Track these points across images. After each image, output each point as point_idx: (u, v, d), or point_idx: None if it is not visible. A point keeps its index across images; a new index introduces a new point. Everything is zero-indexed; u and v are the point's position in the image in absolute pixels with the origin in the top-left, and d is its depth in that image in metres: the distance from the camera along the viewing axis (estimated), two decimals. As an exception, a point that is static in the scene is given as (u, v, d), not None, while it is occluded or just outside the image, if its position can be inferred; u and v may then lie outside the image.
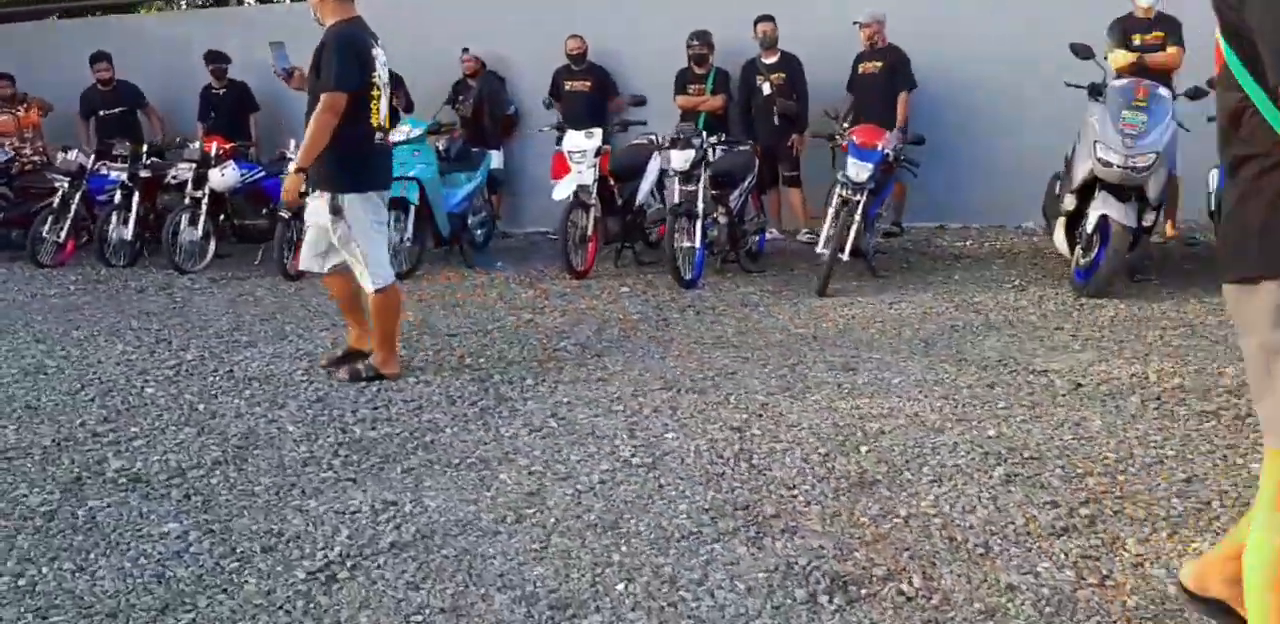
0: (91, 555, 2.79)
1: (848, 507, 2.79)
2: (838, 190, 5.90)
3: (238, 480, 3.31)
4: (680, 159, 6.21)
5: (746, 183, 6.75)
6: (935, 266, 6.54)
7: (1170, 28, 6.23)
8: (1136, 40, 6.24)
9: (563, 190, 6.59)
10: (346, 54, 4.11)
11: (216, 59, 9.02)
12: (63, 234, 7.98)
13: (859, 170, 5.79)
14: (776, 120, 7.36)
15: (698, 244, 6.21)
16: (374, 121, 4.28)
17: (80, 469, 3.45)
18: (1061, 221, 5.45)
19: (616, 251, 7.17)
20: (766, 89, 7.44)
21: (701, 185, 6.25)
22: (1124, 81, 5.32)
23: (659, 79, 8.07)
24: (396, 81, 8.50)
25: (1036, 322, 4.88)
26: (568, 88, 8.44)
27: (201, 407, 4.11)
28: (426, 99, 8.67)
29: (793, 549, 2.55)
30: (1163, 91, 5.19)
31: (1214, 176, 5.42)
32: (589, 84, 8.38)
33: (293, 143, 7.44)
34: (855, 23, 7.21)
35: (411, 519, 2.92)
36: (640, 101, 7.24)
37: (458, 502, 3.03)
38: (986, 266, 6.43)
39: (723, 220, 6.41)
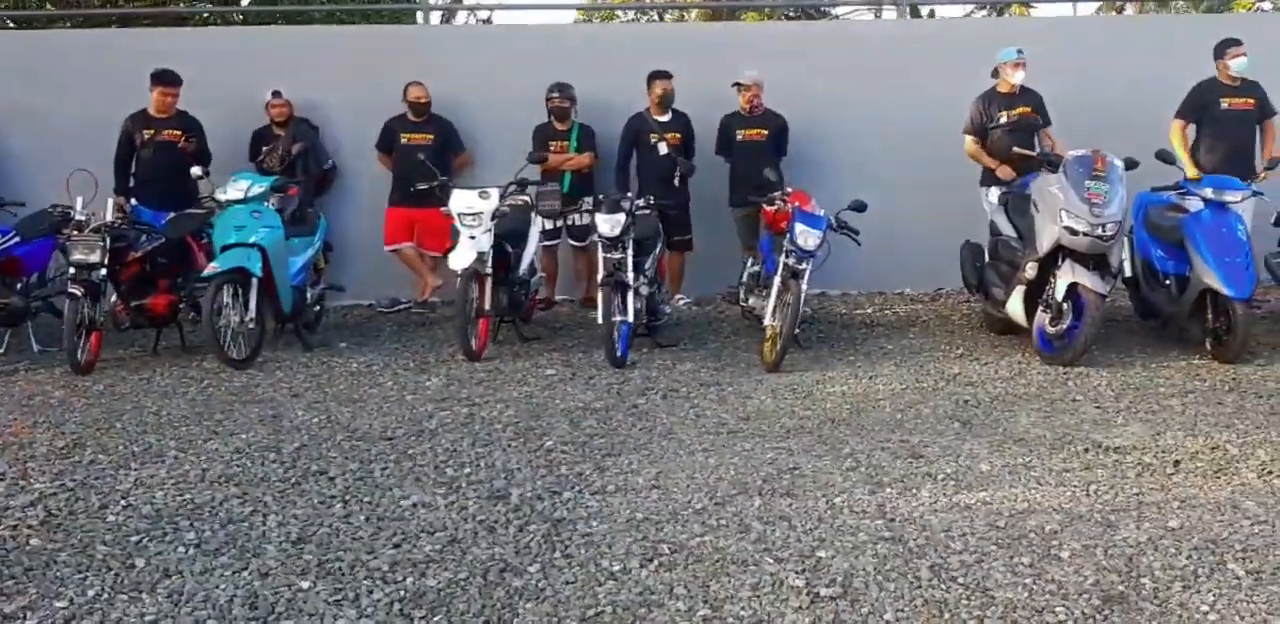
0: None
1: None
2: (783, 259, 5.78)
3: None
4: (609, 224, 5.83)
5: (658, 249, 6.49)
6: (853, 336, 6.59)
7: (1036, 103, 6.80)
8: (1003, 117, 6.76)
9: (461, 258, 5.94)
10: None
11: None
12: None
13: (808, 237, 5.72)
14: (677, 181, 7.16)
15: (630, 317, 5.82)
16: None
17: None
18: (1020, 291, 5.66)
19: (494, 327, 6.58)
20: (663, 148, 7.23)
21: (630, 253, 5.91)
22: (1081, 152, 5.68)
23: (509, 134, 7.67)
24: (194, 127, 7.46)
25: (1039, 393, 4.99)
26: (404, 141, 7.75)
27: (144, 563, 3.10)
28: (224, 150, 7.60)
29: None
30: (1117, 162, 5.61)
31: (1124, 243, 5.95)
32: (431, 137, 7.74)
33: (79, 200, 6.17)
34: (736, 84, 7.24)
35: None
36: (541, 159, 6.77)
37: (652, 669, 2.45)
38: (904, 335, 6.57)
39: (645, 290, 6.08)
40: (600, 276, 5.88)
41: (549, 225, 7.34)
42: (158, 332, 6.46)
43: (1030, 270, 5.59)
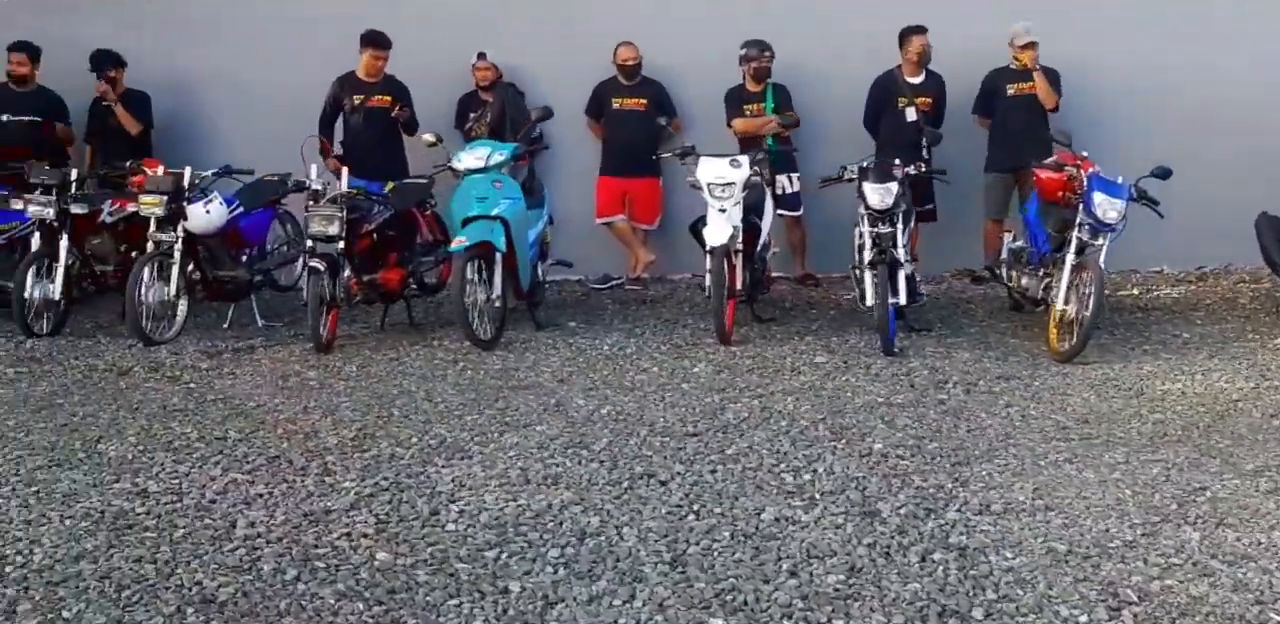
0: None
1: None
2: (1075, 234, 5.15)
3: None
4: (879, 194, 5.28)
5: (912, 222, 5.91)
6: (1131, 321, 5.93)
7: None
8: None
9: (717, 234, 5.46)
10: None
11: (106, 62, 7.14)
12: (-59, 294, 5.96)
13: (1109, 209, 5.07)
14: (926, 151, 6.45)
15: (903, 299, 5.29)
16: None
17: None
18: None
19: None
20: (911, 114, 6.58)
21: (899, 227, 5.36)
22: None
23: (702, 97, 7.16)
24: (404, 93, 7.11)
25: None
26: (616, 106, 7.28)
27: (518, 587, 2.74)
28: (430, 117, 7.22)
29: None
30: None
31: None
32: (644, 102, 7.24)
33: (314, 168, 5.92)
34: (1028, 44, 6.42)
35: None
36: (795, 122, 6.25)
37: None
38: (1190, 320, 5.90)
39: (909, 269, 5.51)
40: (869, 255, 5.34)
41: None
42: (385, 308, 6.17)
43: None
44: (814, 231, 7.20)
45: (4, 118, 6.99)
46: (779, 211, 7.03)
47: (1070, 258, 5.14)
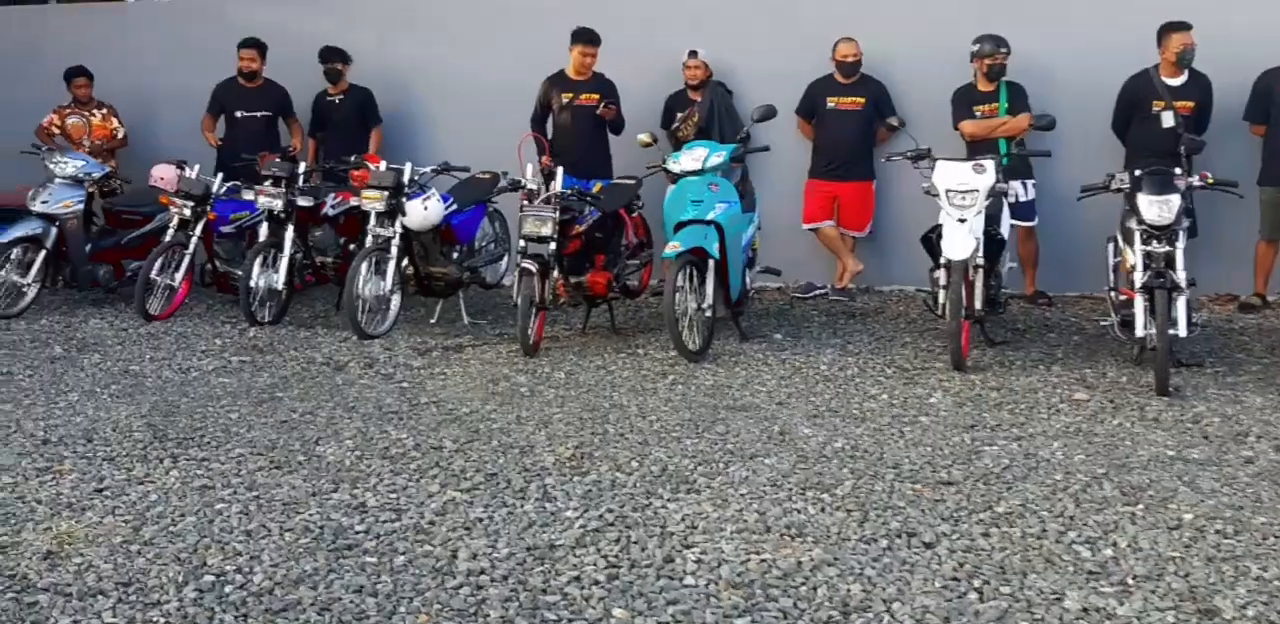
0: None
1: None
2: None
3: None
4: (1159, 208, 4.43)
5: (1186, 240, 4.99)
6: None
7: None
8: None
9: (959, 247, 4.73)
10: None
11: (331, 57, 7.05)
12: (179, 277, 5.95)
13: None
14: (1186, 161, 5.47)
15: (1183, 331, 4.43)
16: None
17: None
18: None
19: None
20: (1168, 120, 5.65)
21: (1180, 246, 4.50)
22: None
23: (926, 99, 6.39)
24: (611, 91, 6.68)
25: None
26: (831, 105, 6.61)
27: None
28: (638, 116, 6.75)
29: None
30: None
31: None
32: (861, 102, 6.55)
33: (530, 167, 5.56)
34: None
35: None
36: (1049, 124, 5.47)
37: None
38: None
39: (1188, 294, 4.61)
40: (1143, 277, 4.49)
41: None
42: (588, 311, 5.76)
43: None
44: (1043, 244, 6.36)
45: (238, 114, 7.04)
46: (1011, 221, 6.23)
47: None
